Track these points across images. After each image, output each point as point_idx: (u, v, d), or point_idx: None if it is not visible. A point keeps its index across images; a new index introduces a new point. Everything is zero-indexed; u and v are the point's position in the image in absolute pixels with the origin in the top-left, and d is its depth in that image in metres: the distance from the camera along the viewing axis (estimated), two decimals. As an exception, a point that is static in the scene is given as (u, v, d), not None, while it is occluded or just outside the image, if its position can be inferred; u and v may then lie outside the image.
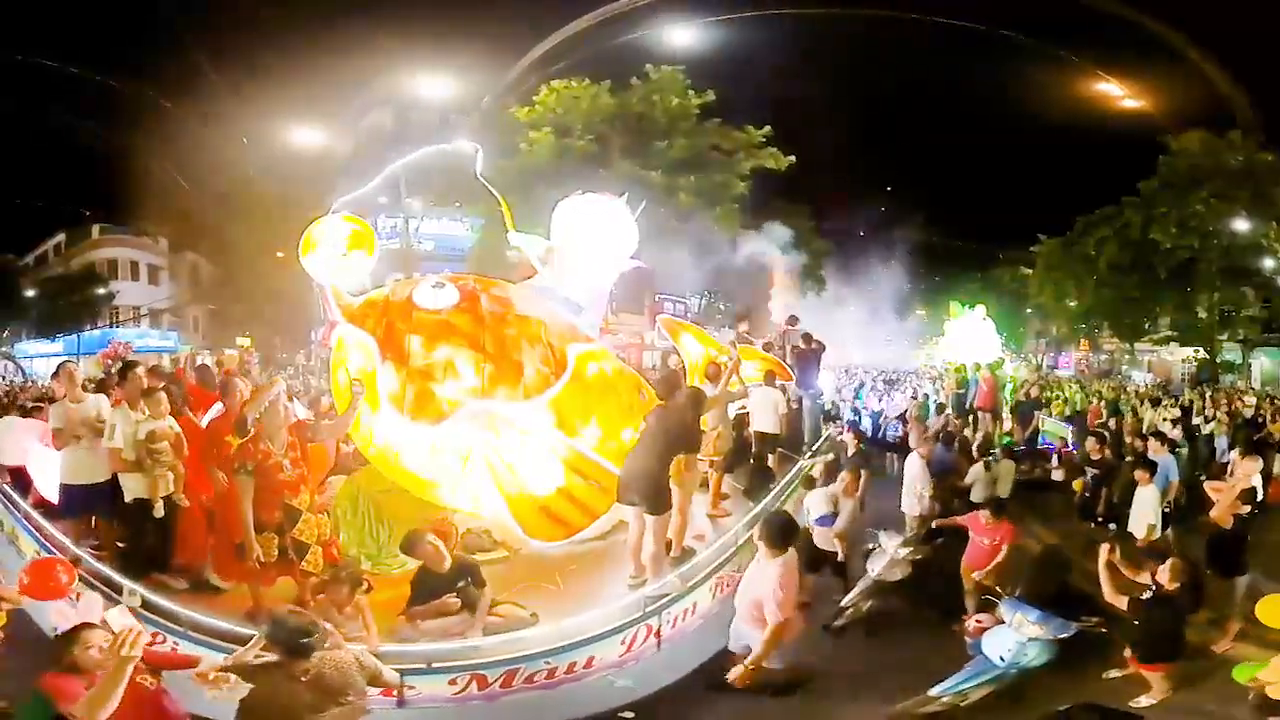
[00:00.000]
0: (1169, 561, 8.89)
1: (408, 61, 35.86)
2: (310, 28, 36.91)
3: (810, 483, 12.82)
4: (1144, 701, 8.80)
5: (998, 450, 16.30)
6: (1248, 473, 12.73)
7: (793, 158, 39.75)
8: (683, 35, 39.05)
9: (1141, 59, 41.00)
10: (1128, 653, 9.12)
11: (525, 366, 9.72)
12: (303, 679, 5.78)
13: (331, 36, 35.98)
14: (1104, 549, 9.51)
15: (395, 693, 7.61)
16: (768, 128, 39.36)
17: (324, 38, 35.84)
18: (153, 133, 38.01)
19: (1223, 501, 11.72)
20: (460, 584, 8.68)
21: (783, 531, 8.07)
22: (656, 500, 9.77)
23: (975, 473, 14.80)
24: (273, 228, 31.69)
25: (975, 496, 14.42)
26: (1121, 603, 8.94)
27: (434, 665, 7.94)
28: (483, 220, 36.66)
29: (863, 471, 13.63)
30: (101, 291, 43.72)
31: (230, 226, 40.84)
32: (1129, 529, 12.74)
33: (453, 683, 7.92)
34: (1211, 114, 41.26)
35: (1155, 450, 14.46)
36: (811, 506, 11.98)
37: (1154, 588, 8.86)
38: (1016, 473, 16.00)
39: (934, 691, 8.88)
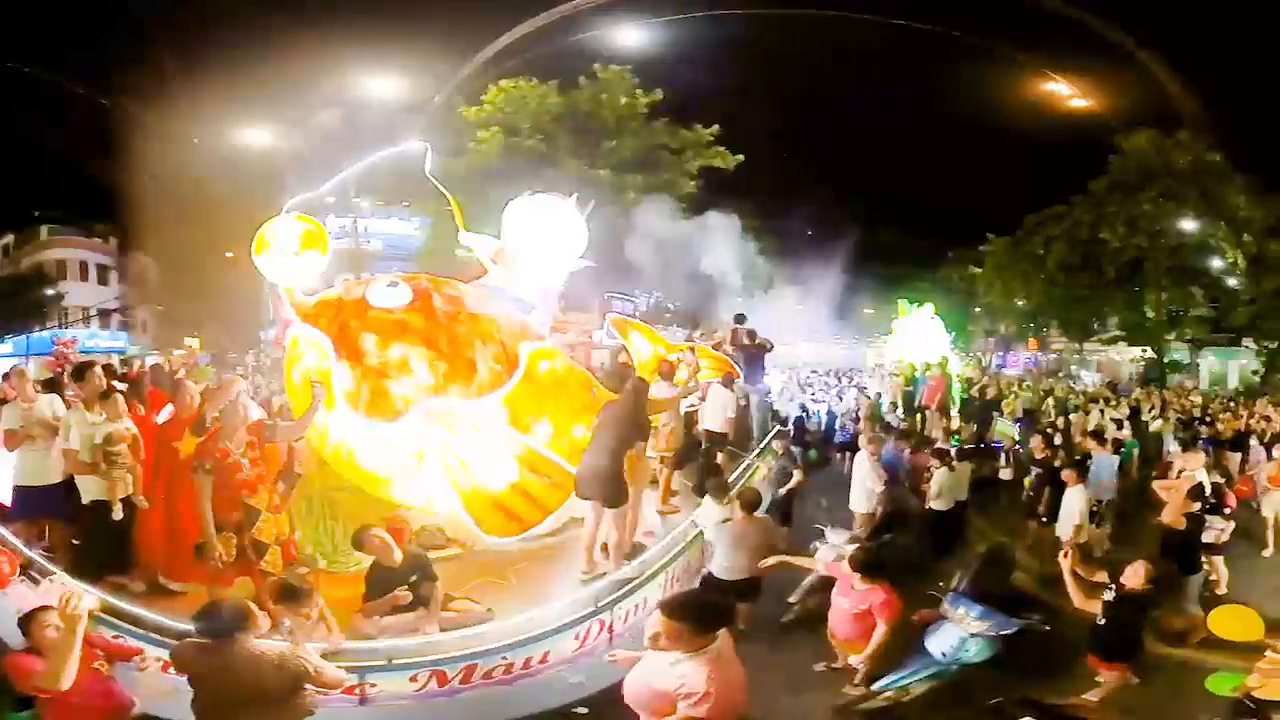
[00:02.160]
0: (1138, 563, 8.89)
1: (357, 61, 35.73)
2: (257, 26, 36.67)
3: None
4: (1091, 697, 8.84)
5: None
6: (1191, 468, 13.26)
7: (741, 156, 39.91)
8: (631, 35, 39.11)
9: (1090, 59, 41.30)
10: (1088, 655, 9.11)
11: (478, 364, 9.86)
12: (240, 669, 5.77)
13: (279, 35, 35.75)
14: (1064, 557, 9.44)
15: (357, 691, 7.71)
16: (716, 126, 39.47)
17: (272, 37, 35.65)
18: (102, 133, 37.66)
19: (1173, 501, 12.08)
20: (412, 578, 8.70)
21: (704, 612, 5.51)
22: (614, 493, 9.93)
23: (939, 479, 14.24)
24: (221, 228, 31.46)
25: (939, 504, 14.17)
26: (1093, 607, 8.91)
27: (395, 662, 7.99)
28: (430, 220, 36.57)
29: (795, 472, 13.82)
30: (50, 292, 43.15)
31: (179, 227, 40.34)
32: (1057, 529, 13.02)
33: (414, 679, 7.97)
34: (1160, 114, 41.69)
35: (1094, 449, 14.87)
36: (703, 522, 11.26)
37: (1114, 588, 8.86)
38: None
39: (877, 686, 9.01)
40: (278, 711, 5.90)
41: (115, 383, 11.01)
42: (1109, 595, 8.83)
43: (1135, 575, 8.74)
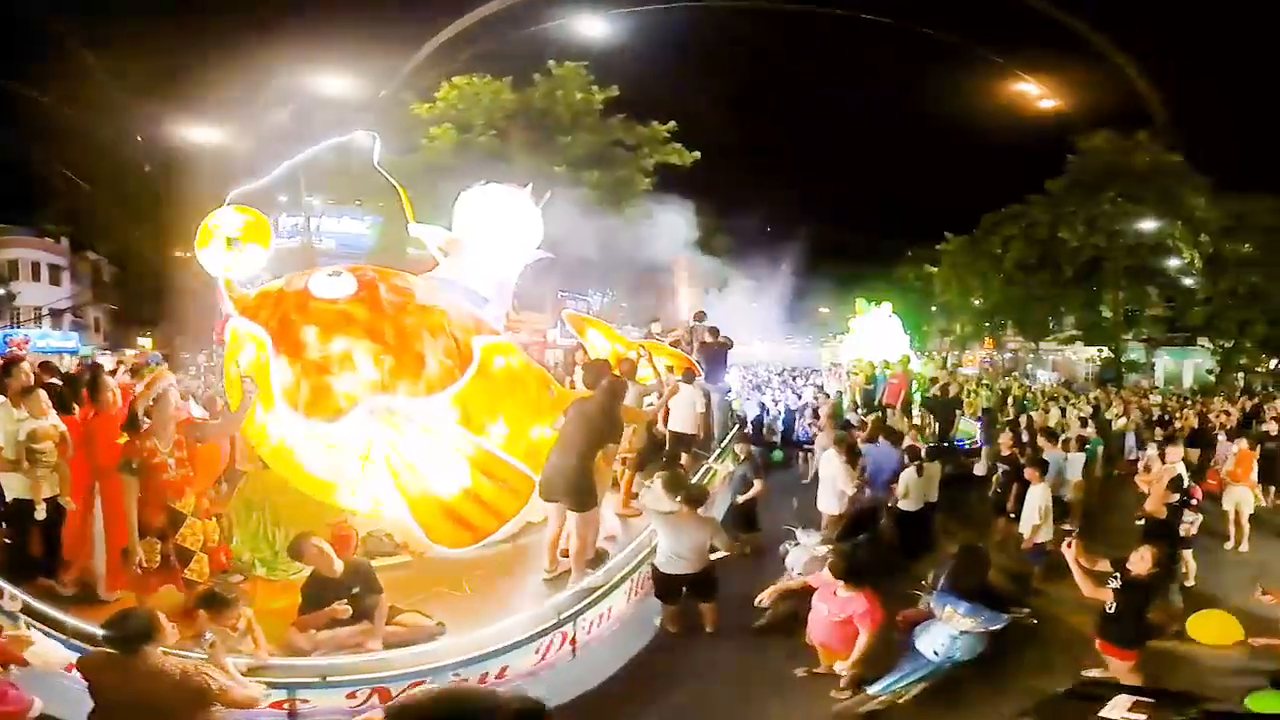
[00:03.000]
0: (1144, 548, 8.79)
1: (308, 58, 35.25)
2: (208, 25, 36.23)
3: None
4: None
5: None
6: (1173, 460, 13.41)
7: (698, 153, 39.76)
8: (587, 28, 39.17)
9: (1056, 57, 41.71)
10: (1099, 643, 8.92)
11: (427, 359, 9.41)
12: (138, 682, 5.59)
13: (231, 34, 35.44)
14: (1067, 548, 9.28)
15: (285, 706, 7.30)
16: (672, 123, 39.40)
17: (225, 36, 35.35)
18: (52, 132, 37.10)
19: (1155, 492, 12.29)
20: (354, 590, 8.22)
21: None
22: (582, 497, 9.51)
23: (907, 479, 13.80)
24: (173, 227, 31.11)
25: (908, 505, 13.77)
26: (1105, 595, 8.79)
27: (329, 679, 7.51)
28: (382, 218, 36.25)
29: (756, 482, 13.38)
30: (1, 292, 42.66)
31: (131, 226, 40.21)
32: (1019, 526, 13.04)
33: (351, 696, 7.48)
34: (1120, 114, 42.25)
35: (1047, 448, 14.89)
36: (647, 503, 11.19)
37: (1118, 575, 8.77)
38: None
39: (871, 690, 8.72)
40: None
41: (54, 380, 10.79)
42: (1114, 583, 8.75)
43: (1142, 560, 8.67)
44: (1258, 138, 38.01)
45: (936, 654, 8.89)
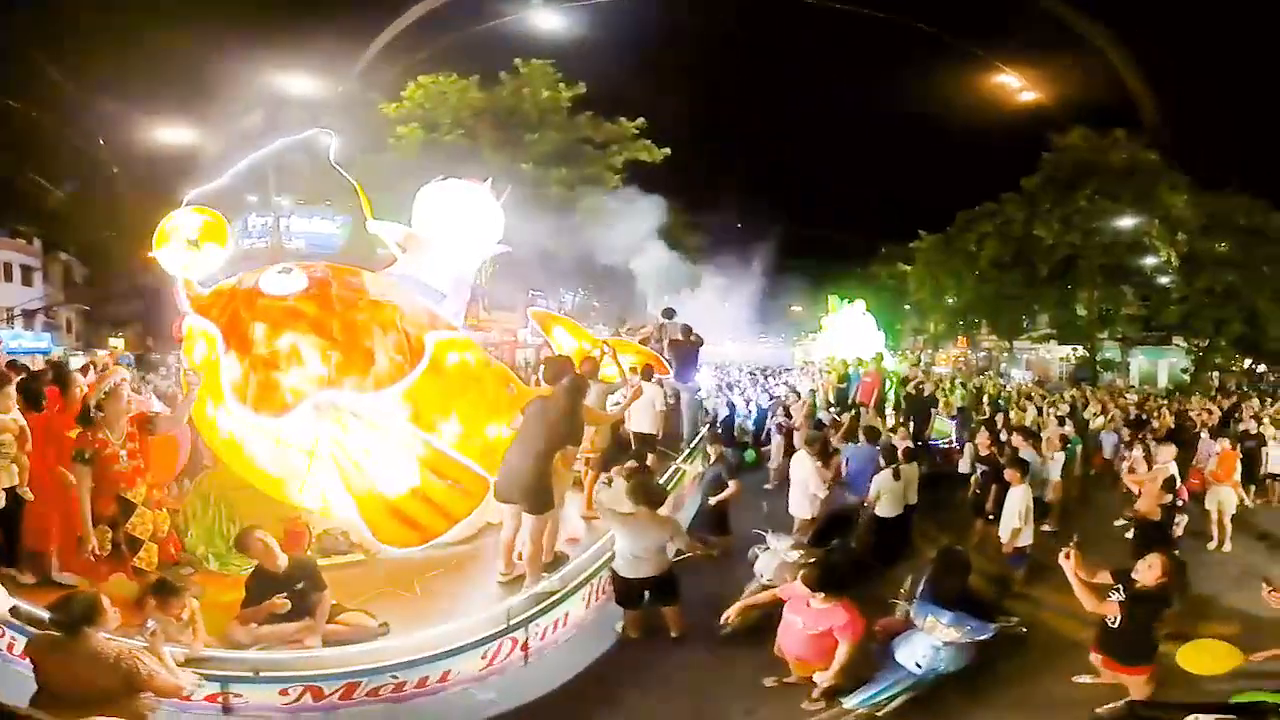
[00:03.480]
0: (1152, 557, 8.33)
1: (274, 57, 35.14)
2: (170, 27, 35.95)
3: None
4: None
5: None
6: (1165, 461, 13.54)
7: (667, 150, 39.63)
8: (552, 23, 38.91)
9: (1033, 51, 41.69)
10: (1097, 658, 8.65)
11: (377, 355, 9.37)
12: (79, 664, 5.73)
13: (195, 34, 35.19)
14: (1065, 559, 8.57)
15: (220, 700, 7.28)
16: (641, 119, 39.31)
17: (190, 36, 35.11)
18: (14, 135, 36.86)
19: (1148, 492, 12.15)
20: (298, 585, 8.15)
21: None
22: (539, 498, 9.31)
23: (882, 482, 13.14)
24: (142, 227, 30.77)
25: (884, 510, 13.09)
26: (1110, 610, 8.28)
27: (261, 674, 7.43)
28: (351, 217, 36.08)
29: (730, 483, 13.20)
30: (-27, 293, 42.62)
31: (100, 227, 40.12)
32: (999, 529, 12.60)
33: (284, 693, 7.40)
34: (1098, 110, 42.22)
35: (1023, 447, 14.54)
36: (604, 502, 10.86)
37: (1120, 588, 8.30)
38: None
39: (849, 704, 8.38)
40: (111, 710, 5.57)
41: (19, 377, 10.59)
42: (1117, 596, 8.27)
43: (1149, 570, 8.19)
44: (1238, 136, 38.28)
45: (919, 666, 8.54)
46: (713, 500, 13.14)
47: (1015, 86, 43.00)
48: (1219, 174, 39.13)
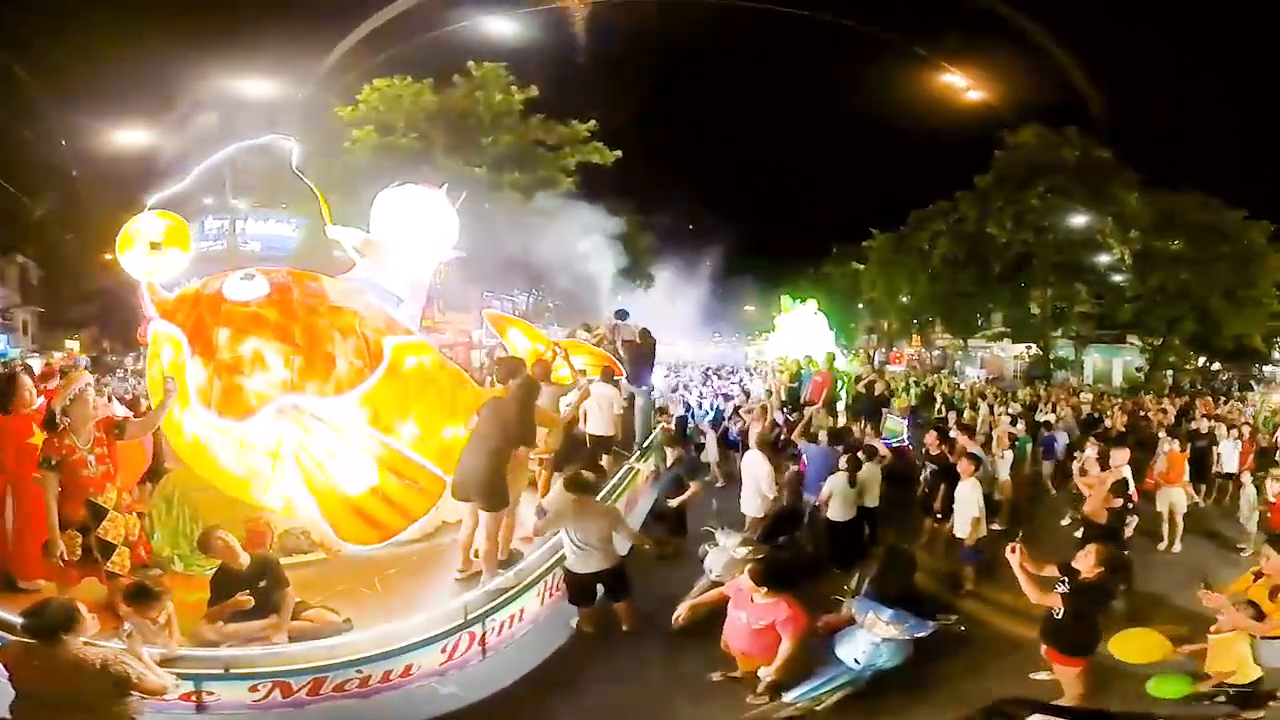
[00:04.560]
0: (1090, 546, 8.53)
1: (233, 60, 35.13)
2: (132, 32, 35.74)
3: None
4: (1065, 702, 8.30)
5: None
6: (1118, 464, 13.36)
7: (619, 152, 39.99)
8: (507, 28, 39.30)
9: (982, 49, 41.97)
10: (1045, 649, 8.69)
11: (337, 359, 9.55)
12: (60, 671, 5.67)
13: (154, 37, 35.04)
14: (1011, 553, 8.77)
15: (193, 698, 7.41)
16: (593, 122, 39.66)
17: (147, 38, 34.96)
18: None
19: (1096, 494, 12.08)
20: (261, 583, 8.32)
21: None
22: (493, 496, 9.53)
23: (834, 484, 12.91)
24: (99, 230, 30.82)
25: (834, 514, 12.88)
26: (1053, 601, 8.39)
27: (231, 671, 7.59)
28: (306, 220, 36.10)
29: (691, 484, 13.42)
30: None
31: (57, 229, 39.84)
32: (954, 525, 12.64)
33: (254, 689, 7.59)
34: (1050, 108, 42.70)
35: (968, 445, 14.64)
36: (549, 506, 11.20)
37: (1065, 580, 8.41)
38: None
39: (789, 698, 8.50)
40: (96, 716, 5.80)
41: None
42: (1062, 588, 8.38)
43: (1085, 560, 8.36)
44: (1189, 134, 38.78)
45: (858, 662, 8.68)
46: (674, 502, 13.30)
47: (962, 86, 43.33)
48: (1170, 172, 39.58)
